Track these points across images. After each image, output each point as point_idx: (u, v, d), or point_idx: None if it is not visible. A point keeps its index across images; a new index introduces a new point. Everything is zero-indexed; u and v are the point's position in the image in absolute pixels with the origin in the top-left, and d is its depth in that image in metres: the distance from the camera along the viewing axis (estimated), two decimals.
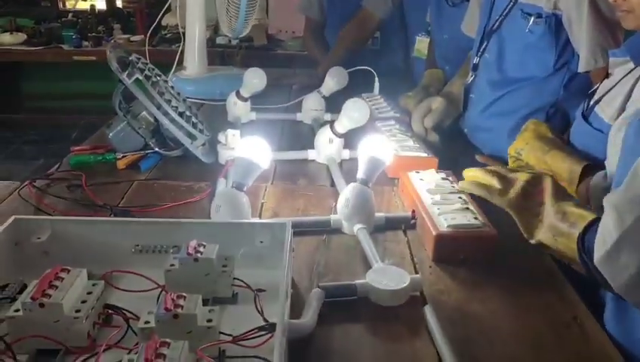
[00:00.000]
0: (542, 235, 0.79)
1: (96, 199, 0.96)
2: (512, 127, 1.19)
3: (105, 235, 0.75)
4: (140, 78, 1.05)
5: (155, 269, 0.68)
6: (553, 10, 1.07)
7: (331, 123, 1.17)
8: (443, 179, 0.99)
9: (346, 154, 1.21)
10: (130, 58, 1.11)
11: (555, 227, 0.77)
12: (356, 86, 1.53)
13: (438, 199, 0.91)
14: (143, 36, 3.60)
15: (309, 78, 1.84)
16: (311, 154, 1.20)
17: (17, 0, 4.23)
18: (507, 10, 1.17)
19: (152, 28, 1.89)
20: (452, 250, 0.82)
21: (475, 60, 1.29)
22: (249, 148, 0.88)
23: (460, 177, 0.98)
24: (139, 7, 3.97)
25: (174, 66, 1.71)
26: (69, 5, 4.35)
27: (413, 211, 0.93)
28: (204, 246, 0.68)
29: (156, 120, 1.09)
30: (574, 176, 0.89)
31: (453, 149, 1.25)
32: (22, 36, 3.74)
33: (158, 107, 1.06)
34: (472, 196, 0.93)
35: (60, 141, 3.49)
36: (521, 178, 0.86)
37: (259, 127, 1.42)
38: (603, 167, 0.86)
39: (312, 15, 2.13)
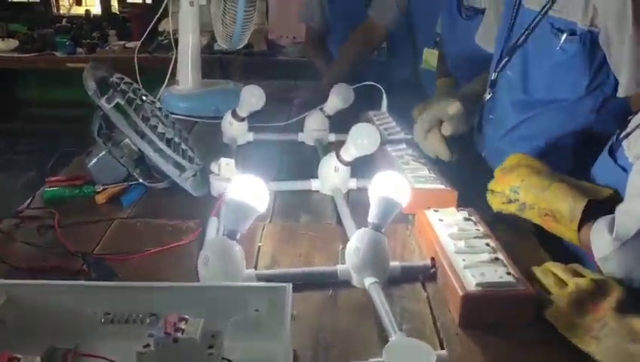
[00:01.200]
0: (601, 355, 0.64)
1: (69, 244, 0.84)
2: (538, 153, 1.07)
3: (70, 302, 0.63)
4: (121, 102, 0.93)
5: (130, 342, 0.56)
6: (589, 27, 0.95)
7: (336, 150, 1.05)
8: (466, 219, 0.87)
9: (354, 183, 1.09)
10: (111, 79, 0.99)
11: (622, 349, 0.63)
12: (362, 103, 1.40)
13: (462, 246, 0.79)
14: (138, 43, 3.49)
15: (311, 91, 1.71)
16: (314, 184, 1.08)
17: (9, 5, 4.10)
18: (534, 23, 1.04)
19: (144, 35, 1.76)
20: (482, 313, 0.70)
21: (493, 76, 1.17)
22: (243, 189, 0.76)
23: (485, 213, 0.87)
24: (135, 12, 3.86)
25: (166, 80, 1.58)
26: (63, 10, 4.23)
27: (433, 259, 0.80)
28: (186, 322, 0.56)
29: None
30: (575, 215, 0.79)
31: (471, 176, 1.12)
32: (14, 42, 3.62)
33: (142, 135, 0.94)
34: (501, 241, 0.81)
35: (53, 151, 3.38)
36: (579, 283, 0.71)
37: (256, 150, 1.30)
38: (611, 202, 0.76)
39: (313, 24, 2.01)
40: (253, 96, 1.25)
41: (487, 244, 0.79)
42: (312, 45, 2.05)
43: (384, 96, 1.43)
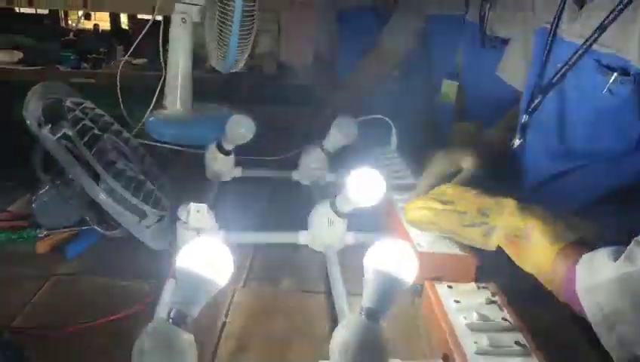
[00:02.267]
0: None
1: None
2: (575, 213, 0.88)
3: None
4: (70, 133, 0.76)
5: None
6: None
7: (331, 198, 0.87)
8: (488, 302, 0.68)
9: (351, 238, 0.90)
10: (65, 103, 0.82)
11: None
12: (368, 138, 1.22)
13: (485, 344, 0.60)
14: (146, 60, 3.37)
15: (311, 122, 1.53)
16: (302, 238, 0.90)
17: (18, 17, 4.02)
18: (574, 58, 0.87)
19: (130, 50, 1.60)
20: None
21: (524, 119, 0.99)
22: (200, 257, 0.58)
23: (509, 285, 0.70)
24: (143, 28, 3.75)
25: (152, 103, 1.42)
26: (72, 24, 4.14)
27: (446, 357, 0.61)
28: None
29: None
30: (560, 240, 0.64)
31: None
32: (17, 54, 3.52)
33: (93, 173, 0.77)
34: (532, 330, 0.62)
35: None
36: None
37: (242, 189, 1.12)
38: None
39: (322, 49, 1.86)
40: (241, 127, 1.08)
41: (517, 342, 0.60)
42: (319, 71, 1.90)
43: (393, 131, 1.25)
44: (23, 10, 3.96)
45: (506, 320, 0.65)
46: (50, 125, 0.74)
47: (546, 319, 0.72)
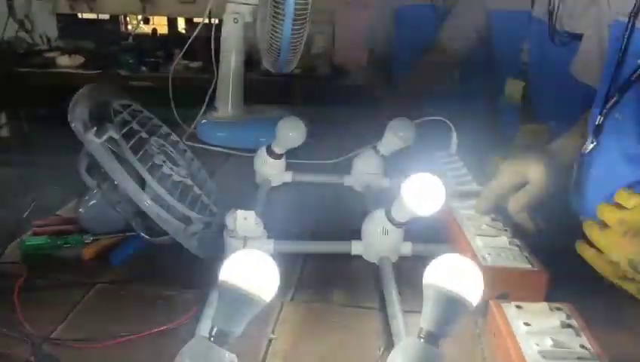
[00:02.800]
0: None
1: (27, 319, 0.64)
2: None
3: None
4: (115, 137, 0.73)
5: None
6: None
7: (386, 206, 0.81)
8: (564, 325, 0.61)
9: (408, 248, 0.84)
10: (113, 106, 0.80)
11: None
12: (426, 141, 1.15)
13: None
14: (201, 63, 3.41)
15: (366, 123, 1.47)
16: (355, 248, 0.84)
17: (81, 21, 4.15)
18: None
19: (182, 52, 1.58)
20: None
21: (598, 120, 0.89)
22: (244, 271, 0.54)
23: (592, 320, 0.61)
24: (200, 32, 3.80)
25: (204, 106, 1.40)
26: (131, 28, 4.24)
27: None
28: None
29: None
30: None
31: (564, 251, 0.84)
32: (79, 59, 3.64)
33: (134, 177, 0.74)
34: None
35: None
36: None
37: (292, 195, 1.08)
38: None
39: (377, 48, 1.80)
40: (291, 131, 1.04)
41: None
42: (374, 72, 1.84)
43: (454, 134, 1.18)
44: (85, 15, 4.08)
45: (584, 347, 0.57)
46: (95, 128, 0.72)
47: (630, 346, 0.64)
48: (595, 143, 0.91)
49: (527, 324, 0.61)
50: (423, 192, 0.75)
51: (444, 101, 1.44)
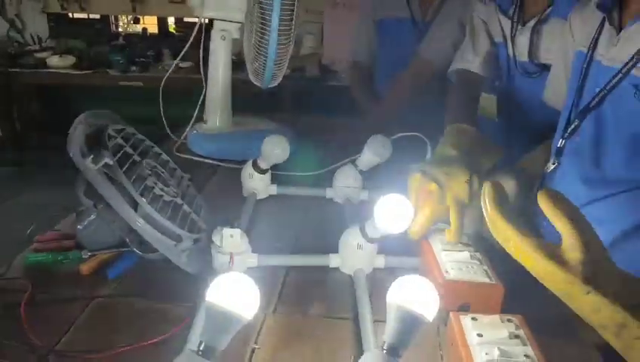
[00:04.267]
0: None
1: (33, 332, 0.71)
2: (610, 241, 0.87)
3: None
4: (110, 163, 0.80)
5: None
6: None
7: (361, 224, 0.89)
8: (512, 336, 0.69)
9: (381, 261, 0.92)
10: (108, 132, 0.87)
11: None
12: (402, 154, 1.22)
13: None
14: (192, 63, 3.45)
15: (349, 134, 1.54)
16: (333, 261, 0.92)
17: (71, 21, 4.18)
18: (612, 83, 0.85)
19: (181, 54, 1.62)
20: None
21: (560, 143, 0.97)
22: (228, 293, 0.61)
23: (541, 329, 0.69)
24: (190, 32, 3.84)
25: (193, 117, 1.47)
26: (121, 28, 4.28)
27: None
28: None
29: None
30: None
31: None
32: (71, 59, 3.67)
33: (128, 200, 0.81)
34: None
35: None
36: None
37: (277, 208, 1.15)
38: None
39: (361, 61, 1.87)
40: (275, 148, 1.11)
41: None
42: (357, 83, 1.90)
43: (429, 149, 1.25)
44: (76, 15, 4.11)
45: (528, 356, 0.65)
46: (92, 156, 0.79)
47: (576, 358, 0.71)
48: (556, 164, 0.99)
49: (479, 335, 0.69)
50: (392, 212, 0.83)
51: (422, 113, 1.51)
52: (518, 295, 0.78)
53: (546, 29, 1.20)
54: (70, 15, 4.12)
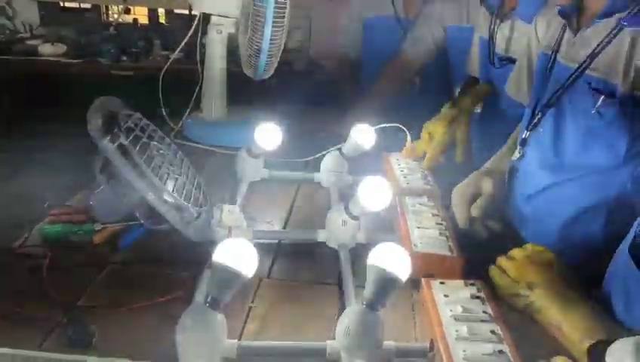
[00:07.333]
0: None
1: (56, 291, 0.81)
2: (565, 221, 0.99)
3: None
4: (125, 143, 0.90)
5: None
6: (631, 91, 0.86)
7: (345, 203, 0.99)
8: (473, 297, 0.80)
9: (362, 236, 1.03)
10: (120, 116, 0.96)
11: None
12: (385, 141, 1.33)
13: (465, 333, 0.72)
14: (182, 54, 3.52)
15: (335, 124, 1.64)
16: (321, 236, 1.02)
17: (63, 10, 4.22)
18: (569, 81, 0.97)
19: (181, 46, 1.69)
20: None
21: (525, 135, 1.09)
22: (230, 254, 0.71)
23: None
24: (180, 23, 3.90)
25: (190, 107, 1.56)
26: (112, 18, 4.32)
27: (432, 342, 0.74)
28: None
29: None
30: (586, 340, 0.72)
31: (494, 239, 1.05)
32: (62, 47, 3.71)
33: (142, 176, 0.91)
34: (509, 324, 0.74)
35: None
36: None
37: (269, 190, 1.25)
38: None
39: (351, 56, 1.97)
40: (267, 135, 1.21)
41: (493, 332, 0.72)
42: (344, 77, 2.01)
43: (409, 138, 1.37)
44: (67, 4, 4.15)
45: (485, 312, 0.76)
46: (109, 136, 0.88)
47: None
48: (521, 153, 1.11)
49: (446, 296, 0.80)
50: (374, 192, 0.94)
51: (405, 107, 1.63)
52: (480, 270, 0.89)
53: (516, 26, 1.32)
54: (61, 4, 4.15)
